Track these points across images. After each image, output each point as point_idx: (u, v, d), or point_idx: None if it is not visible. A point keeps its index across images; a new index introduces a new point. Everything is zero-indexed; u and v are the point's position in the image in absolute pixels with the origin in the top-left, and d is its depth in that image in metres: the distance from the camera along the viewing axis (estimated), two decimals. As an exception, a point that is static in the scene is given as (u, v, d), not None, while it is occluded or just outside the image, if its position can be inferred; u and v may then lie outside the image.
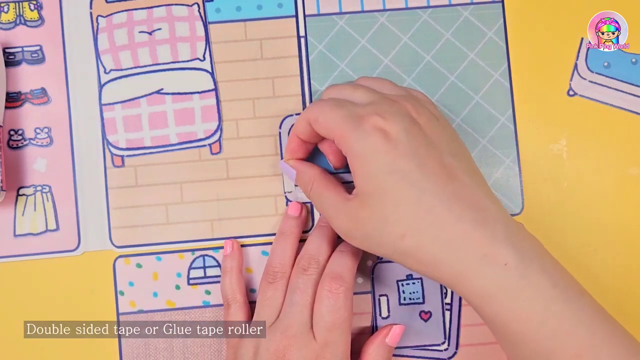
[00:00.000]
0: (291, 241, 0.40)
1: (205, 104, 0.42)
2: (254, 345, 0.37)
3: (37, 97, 0.42)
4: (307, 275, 0.37)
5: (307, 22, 0.43)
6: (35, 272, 0.41)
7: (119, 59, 0.42)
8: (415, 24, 0.43)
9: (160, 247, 0.42)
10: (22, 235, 0.41)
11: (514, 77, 0.43)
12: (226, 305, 0.40)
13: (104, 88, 0.42)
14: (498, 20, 0.43)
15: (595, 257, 0.42)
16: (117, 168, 0.42)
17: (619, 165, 0.42)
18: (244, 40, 0.42)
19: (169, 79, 0.42)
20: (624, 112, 0.43)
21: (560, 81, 0.43)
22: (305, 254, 0.38)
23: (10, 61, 0.42)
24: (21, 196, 0.42)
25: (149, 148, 0.42)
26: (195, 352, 0.41)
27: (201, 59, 0.42)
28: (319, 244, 0.39)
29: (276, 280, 0.38)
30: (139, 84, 0.42)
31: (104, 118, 0.42)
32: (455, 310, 0.42)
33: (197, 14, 0.42)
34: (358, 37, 0.43)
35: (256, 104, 0.42)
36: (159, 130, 0.42)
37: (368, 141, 0.33)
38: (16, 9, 0.42)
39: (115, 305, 0.41)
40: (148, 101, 0.42)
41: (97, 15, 0.42)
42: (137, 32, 0.42)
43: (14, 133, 0.42)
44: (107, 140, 0.42)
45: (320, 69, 0.42)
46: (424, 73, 0.42)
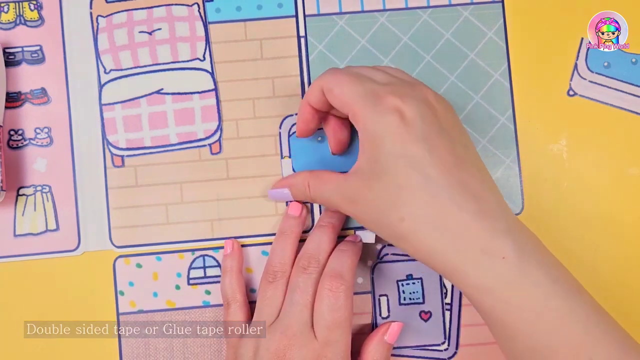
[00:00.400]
0: (291, 241, 0.40)
1: (205, 104, 0.42)
2: (254, 344, 0.37)
3: (37, 97, 0.42)
4: (307, 274, 0.37)
5: (307, 22, 0.43)
6: (35, 272, 0.41)
7: (119, 59, 0.42)
8: (415, 24, 0.43)
9: (160, 247, 0.42)
10: (22, 235, 0.41)
11: (514, 77, 0.43)
12: (226, 305, 0.40)
13: (104, 88, 0.42)
14: (498, 20, 0.43)
15: (595, 257, 0.42)
16: (117, 168, 0.42)
17: (618, 165, 0.42)
18: (244, 40, 0.42)
19: (169, 79, 0.42)
20: (624, 112, 0.43)
21: (560, 81, 0.43)
22: (305, 253, 0.38)
23: (10, 61, 0.42)
24: (21, 196, 0.42)
25: (149, 148, 0.42)
26: (195, 352, 0.41)
27: (201, 59, 0.42)
28: (318, 243, 0.38)
29: (276, 279, 0.38)
30: (139, 84, 0.42)
31: (104, 118, 0.42)
32: (455, 310, 0.42)
33: (197, 14, 0.42)
34: (358, 37, 0.43)
35: (256, 104, 0.42)
36: (159, 130, 0.42)
37: (383, 121, 0.33)
38: (16, 9, 0.42)
39: (115, 305, 0.41)
40: (148, 101, 0.42)
41: (97, 15, 0.42)
42: (137, 32, 0.42)
43: (14, 133, 0.42)
44: (107, 140, 0.42)
45: (320, 69, 0.42)
46: (424, 73, 0.42)
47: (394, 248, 0.42)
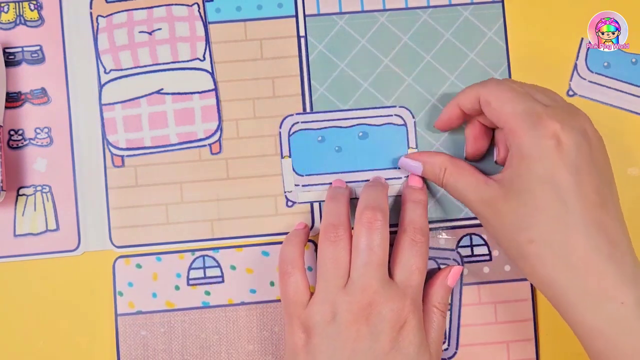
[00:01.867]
0: (345, 200, 0.39)
1: (205, 104, 0.42)
2: (330, 309, 0.36)
3: (37, 97, 0.42)
4: (375, 229, 0.36)
5: (307, 22, 0.43)
6: (35, 272, 0.41)
7: (119, 59, 0.42)
8: (415, 24, 0.43)
9: (160, 247, 0.42)
10: (22, 235, 0.41)
11: (513, 77, 0.43)
12: (285, 274, 0.38)
13: (104, 88, 0.42)
14: (498, 20, 0.43)
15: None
16: (117, 168, 0.42)
17: (618, 165, 0.42)
18: (244, 40, 0.42)
19: (169, 79, 0.42)
20: (624, 112, 0.43)
21: (560, 81, 0.43)
22: (367, 206, 0.37)
23: (10, 61, 0.42)
24: (21, 196, 0.42)
25: (149, 148, 0.42)
26: (194, 354, 0.41)
27: (201, 59, 0.42)
28: (377, 195, 0.38)
29: (338, 237, 0.37)
30: (139, 84, 0.42)
31: (104, 118, 0.42)
32: (456, 310, 0.42)
33: (197, 14, 0.42)
34: (358, 37, 0.43)
35: (256, 104, 0.42)
36: (159, 130, 0.42)
37: (540, 144, 0.33)
38: (16, 9, 0.42)
39: (114, 306, 0.41)
40: (148, 101, 0.42)
41: (97, 15, 0.42)
42: (137, 32, 0.42)
43: (14, 133, 0.42)
44: (107, 140, 0.42)
45: (320, 69, 0.42)
46: (424, 73, 0.42)
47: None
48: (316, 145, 0.42)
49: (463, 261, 0.42)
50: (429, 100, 0.42)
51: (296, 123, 0.42)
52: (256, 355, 0.41)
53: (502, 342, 0.42)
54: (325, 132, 0.42)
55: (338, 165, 0.42)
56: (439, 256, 0.42)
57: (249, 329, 0.42)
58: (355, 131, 0.42)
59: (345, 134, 0.42)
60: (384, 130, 0.42)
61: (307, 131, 0.42)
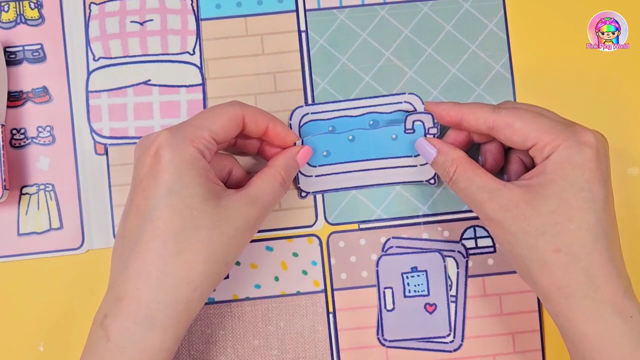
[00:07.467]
0: None
1: (191, 98, 0.42)
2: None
3: (38, 95, 0.42)
4: None
5: (308, 17, 0.43)
6: (39, 270, 0.41)
7: (109, 47, 0.42)
8: (415, 17, 0.43)
9: (164, 244, 0.42)
10: (26, 234, 0.41)
11: (515, 68, 0.43)
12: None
13: (92, 75, 0.42)
14: (498, 12, 0.43)
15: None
16: (99, 156, 0.42)
17: (619, 165, 0.42)
18: (244, 35, 0.42)
19: (157, 70, 0.42)
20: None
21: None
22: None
23: (12, 60, 0.42)
24: (24, 195, 0.42)
25: (132, 138, 0.42)
26: (200, 349, 0.41)
27: (191, 53, 0.42)
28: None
29: None
30: (127, 74, 0.42)
31: (90, 105, 0.42)
32: (461, 302, 0.42)
33: (190, 8, 0.42)
34: (359, 30, 0.43)
35: (258, 99, 0.42)
36: (143, 120, 0.42)
37: (582, 152, 0.33)
38: (17, 8, 0.42)
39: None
40: (135, 91, 0.42)
41: (90, 2, 0.42)
42: (129, 22, 0.42)
43: (17, 132, 0.42)
44: (92, 127, 0.42)
45: (321, 64, 0.42)
46: (425, 66, 0.42)
47: (399, 240, 0.42)
48: (327, 136, 0.41)
49: (468, 253, 0.42)
50: (431, 92, 0.42)
51: (306, 114, 0.42)
52: (262, 350, 0.42)
53: (508, 334, 0.42)
54: (335, 122, 0.42)
55: (350, 155, 0.41)
56: (443, 248, 0.42)
57: (254, 324, 0.42)
58: (365, 119, 0.42)
59: (356, 123, 0.42)
60: (394, 117, 0.42)
61: (317, 122, 0.42)
